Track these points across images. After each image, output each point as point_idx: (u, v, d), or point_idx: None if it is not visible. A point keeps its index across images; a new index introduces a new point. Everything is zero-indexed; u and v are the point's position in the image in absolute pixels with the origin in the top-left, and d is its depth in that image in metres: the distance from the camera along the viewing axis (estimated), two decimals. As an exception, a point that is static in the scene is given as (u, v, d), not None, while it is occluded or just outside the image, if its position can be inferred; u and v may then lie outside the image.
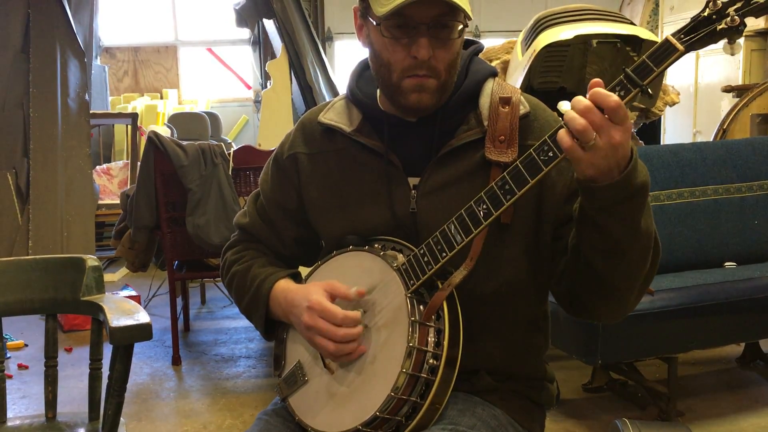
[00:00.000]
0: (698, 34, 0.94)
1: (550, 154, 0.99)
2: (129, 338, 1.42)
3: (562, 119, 0.98)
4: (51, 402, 1.60)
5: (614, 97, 0.93)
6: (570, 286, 1.15)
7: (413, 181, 1.19)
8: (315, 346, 1.16)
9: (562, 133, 0.95)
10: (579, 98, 0.95)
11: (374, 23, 1.12)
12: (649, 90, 0.95)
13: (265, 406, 1.32)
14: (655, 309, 2.36)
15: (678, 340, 2.47)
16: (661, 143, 5.68)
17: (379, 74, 1.17)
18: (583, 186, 0.99)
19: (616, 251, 1.03)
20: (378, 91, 1.23)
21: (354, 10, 1.20)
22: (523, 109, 1.18)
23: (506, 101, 1.18)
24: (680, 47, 0.94)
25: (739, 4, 0.93)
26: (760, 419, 2.61)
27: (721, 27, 0.93)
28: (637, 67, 0.95)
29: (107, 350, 1.48)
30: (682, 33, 0.95)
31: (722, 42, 0.97)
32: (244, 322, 3.86)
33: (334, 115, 1.26)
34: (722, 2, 0.94)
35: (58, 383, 1.62)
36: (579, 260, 1.09)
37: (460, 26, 1.11)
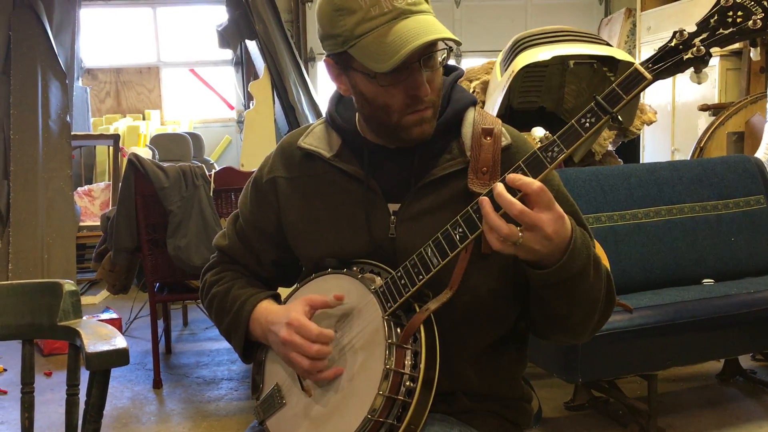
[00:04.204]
0: (665, 63, 0.97)
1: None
2: (105, 364, 1.40)
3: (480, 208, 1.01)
4: (28, 428, 1.57)
5: (537, 183, 0.97)
6: (532, 313, 1.21)
7: (393, 206, 1.20)
8: (289, 363, 1.16)
9: (490, 238, 0.99)
10: (503, 196, 0.98)
11: (365, 75, 1.11)
12: (619, 117, 0.97)
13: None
14: (634, 326, 2.38)
15: (657, 357, 2.49)
16: (641, 161, 5.75)
17: (373, 117, 1.16)
18: (525, 265, 1.05)
19: (560, 315, 1.12)
20: (357, 115, 1.24)
21: (326, 62, 1.18)
22: (505, 140, 1.20)
23: (489, 132, 1.19)
24: (648, 76, 0.97)
25: (704, 35, 0.96)
26: (740, 435, 2.63)
27: (687, 57, 0.97)
28: (608, 94, 0.98)
29: (85, 375, 1.47)
30: (650, 62, 0.98)
31: (689, 70, 1.00)
32: (226, 344, 3.81)
33: (314, 140, 1.27)
34: (688, 33, 0.97)
35: (35, 409, 1.60)
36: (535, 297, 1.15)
37: (445, 53, 1.14)
